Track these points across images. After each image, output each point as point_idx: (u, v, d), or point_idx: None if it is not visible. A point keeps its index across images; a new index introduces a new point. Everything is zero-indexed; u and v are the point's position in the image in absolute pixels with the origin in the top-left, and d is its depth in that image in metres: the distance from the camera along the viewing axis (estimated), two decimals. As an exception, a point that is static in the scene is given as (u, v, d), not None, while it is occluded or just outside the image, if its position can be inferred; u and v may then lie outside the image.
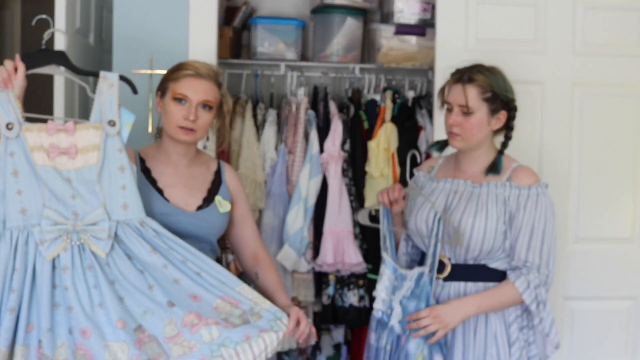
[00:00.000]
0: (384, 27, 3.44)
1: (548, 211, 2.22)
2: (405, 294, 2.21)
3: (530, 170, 2.27)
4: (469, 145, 2.26)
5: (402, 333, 2.21)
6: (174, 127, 2.15)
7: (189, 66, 2.17)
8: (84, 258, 1.95)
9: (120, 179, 2.00)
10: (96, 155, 1.99)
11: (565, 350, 3.00)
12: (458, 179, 2.30)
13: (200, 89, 2.15)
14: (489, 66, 2.28)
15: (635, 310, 3.03)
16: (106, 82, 2.04)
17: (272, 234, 3.23)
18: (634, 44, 3.00)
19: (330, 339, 3.46)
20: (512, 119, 2.29)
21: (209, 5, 2.91)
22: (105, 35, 3.51)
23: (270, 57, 3.44)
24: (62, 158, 1.97)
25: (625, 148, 3.00)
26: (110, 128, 2.01)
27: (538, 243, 2.19)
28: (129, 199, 2.00)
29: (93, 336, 1.89)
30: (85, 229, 1.95)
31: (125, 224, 1.98)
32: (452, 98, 2.25)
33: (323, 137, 3.27)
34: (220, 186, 2.27)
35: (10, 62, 2.01)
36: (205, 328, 1.93)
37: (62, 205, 1.96)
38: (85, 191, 1.97)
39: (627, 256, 3.02)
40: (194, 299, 1.96)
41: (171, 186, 2.18)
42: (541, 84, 2.96)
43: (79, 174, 1.97)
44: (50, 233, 1.94)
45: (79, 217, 1.96)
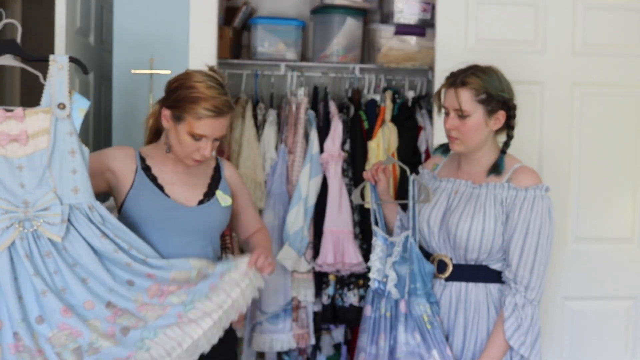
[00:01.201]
0: (384, 27, 3.44)
1: (544, 215, 2.19)
2: (396, 259, 2.27)
3: (531, 171, 2.26)
4: (469, 148, 2.26)
5: (401, 297, 2.25)
6: (186, 156, 2.16)
7: (208, 103, 2.09)
8: (40, 245, 1.94)
9: (71, 163, 1.99)
10: (46, 139, 1.97)
11: (564, 349, 3.01)
12: (460, 179, 2.31)
13: (219, 127, 2.13)
14: (485, 67, 2.27)
15: (634, 310, 3.03)
16: (56, 65, 2.02)
17: (273, 234, 3.23)
18: (633, 44, 3.00)
19: (330, 339, 3.46)
20: (512, 118, 2.28)
21: (209, 6, 2.91)
22: (105, 35, 3.52)
23: (271, 57, 3.44)
24: (13, 145, 1.96)
25: (625, 148, 3.01)
26: (60, 111, 1.99)
27: (531, 253, 2.18)
28: (80, 182, 1.99)
29: (74, 316, 1.91)
30: (37, 215, 1.94)
31: (76, 208, 1.98)
32: (447, 102, 2.26)
33: (323, 137, 3.27)
34: (220, 181, 2.29)
35: None
36: (172, 295, 2.00)
37: (11, 195, 1.94)
38: (35, 177, 1.96)
39: (626, 256, 3.02)
40: (150, 277, 2.00)
41: (171, 183, 2.19)
42: (541, 84, 2.96)
43: (30, 159, 1.96)
44: (0, 222, 1.92)
45: (30, 205, 1.95)
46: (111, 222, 2.02)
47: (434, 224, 2.29)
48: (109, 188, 2.21)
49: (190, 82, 2.13)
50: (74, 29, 3.04)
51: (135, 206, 2.14)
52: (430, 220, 2.29)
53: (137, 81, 2.86)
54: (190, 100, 2.10)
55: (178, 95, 2.13)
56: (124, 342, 1.93)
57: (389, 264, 2.29)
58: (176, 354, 1.94)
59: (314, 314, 3.34)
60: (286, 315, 3.21)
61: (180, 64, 2.86)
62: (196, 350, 1.98)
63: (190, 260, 2.08)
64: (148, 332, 1.96)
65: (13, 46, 2.15)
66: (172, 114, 2.14)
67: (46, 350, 1.89)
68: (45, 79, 2.02)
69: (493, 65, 2.29)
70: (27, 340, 1.89)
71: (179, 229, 2.15)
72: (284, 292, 3.21)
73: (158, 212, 2.13)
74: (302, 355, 3.44)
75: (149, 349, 1.94)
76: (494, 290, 2.24)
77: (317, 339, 3.41)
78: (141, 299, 1.98)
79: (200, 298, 2.01)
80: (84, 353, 1.90)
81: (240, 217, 2.37)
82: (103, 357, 1.91)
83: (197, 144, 2.13)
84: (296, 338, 3.26)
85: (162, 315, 1.98)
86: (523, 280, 2.17)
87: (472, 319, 2.23)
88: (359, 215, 3.27)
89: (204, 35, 2.90)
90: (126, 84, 2.79)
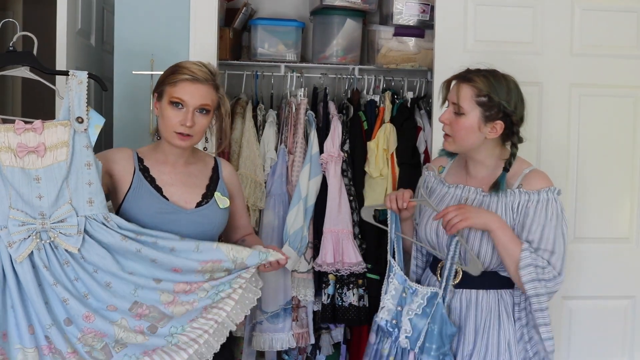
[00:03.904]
0: (383, 28, 3.45)
1: (559, 215, 2.15)
2: (417, 311, 2.15)
3: (543, 174, 2.21)
4: (460, 149, 2.22)
5: (412, 348, 2.15)
6: (170, 132, 2.15)
7: (185, 69, 2.15)
8: (58, 255, 1.97)
9: (87, 175, 2.02)
10: (65, 151, 2.00)
11: (563, 348, 3.02)
12: (469, 186, 2.25)
13: (197, 94, 2.14)
14: (502, 74, 2.21)
15: (632, 309, 3.05)
16: (75, 80, 2.05)
17: (272, 234, 3.24)
18: (630, 45, 3.02)
19: (329, 338, 3.47)
20: (514, 133, 2.19)
21: (210, 7, 2.92)
22: (106, 36, 3.53)
23: (270, 58, 3.45)
24: (31, 157, 1.98)
25: (623, 148, 3.02)
26: (78, 125, 2.02)
27: (549, 240, 2.13)
28: (94, 194, 2.02)
29: (97, 319, 1.94)
30: (54, 227, 1.97)
31: (92, 219, 2.00)
32: (450, 95, 2.22)
33: (323, 137, 3.28)
34: (219, 182, 2.29)
35: None
36: (198, 289, 2.02)
37: (28, 206, 1.96)
38: (53, 189, 1.98)
39: (624, 256, 3.04)
40: (176, 271, 2.02)
41: (170, 184, 2.19)
42: (539, 85, 2.98)
43: (48, 171, 1.98)
44: (18, 234, 1.94)
45: (46, 216, 1.97)
46: (127, 226, 2.04)
47: (443, 235, 2.22)
48: (108, 191, 2.22)
49: (176, 65, 2.20)
50: (75, 30, 3.06)
51: (133, 208, 2.14)
52: (439, 230, 2.23)
53: (138, 82, 2.87)
54: (170, 72, 2.18)
55: (160, 78, 2.21)
56: (152, 339, 1.98)
57: (405, 313, 2.17)
58: (203, 339, 2.01)
59: (314, 313, 3.35)
60: (286, 314, 3.21)
61: (180, 65, 2.88)
62: (224, 331, 2.04)
63: (221, 247, 2.08)
64: (176, 328, 2.00)
65: (29, 58, 2.15)
66: (157, 96, 2.19)
67: (79, 349, 1.94)
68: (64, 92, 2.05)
69: (512, 77, 2.22)
70: (59, 342, 1.92)
71: (178, 232, 2.14)
72: (284, 291, 3.22)
73: (156, 215, 2.12)
74: (301, 354, 3.45)
75: (178, 342, 1.99)
76: (506, 295, 2.20)
77: (317, 338, 3.41)
78: (168, 295, 2.01)
79: (225, 288, 2.06)
80: (111, 350, 1.95)
81: (234, 220, 2.37)
82: (130, 350, 1.96)
83: (178, 115, 2.13)
84: (296, 337, 3.27)
85: (190, 310, 2.02)
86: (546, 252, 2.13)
87: (483, 325, 2.19)
88: (358, 215, 3.28)
89: (204, 36, 2.91)
90: (127, 85, 2.81)
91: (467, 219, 2.07)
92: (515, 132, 2.20)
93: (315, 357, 3.47)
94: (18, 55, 2.14)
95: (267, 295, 3.19)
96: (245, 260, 2.08)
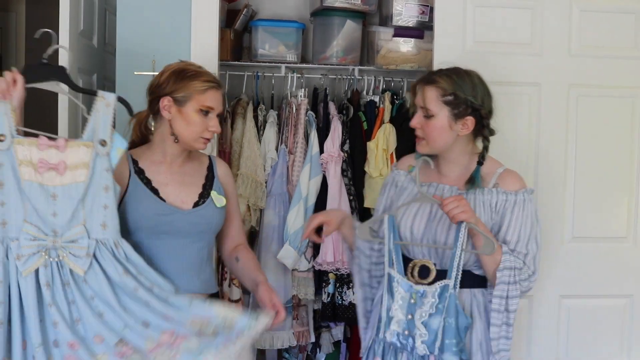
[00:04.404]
0: (383, 29, 3.46)
1: (534, 216, 2.18)
2: (431, 310, 2.09)
3: (517, 174, 2.23)
4: (434, 150, 2.21)
5: (431, 352, 2.10)
6: (197, 137, 2.17)
7: (206, 76, 2.17)
8: (62, 274, 1.95)
9: (103, 199, 1.99)
10: (85, 173, 1.98)
11: (561, 347, 3.03)
12: (443, 184, 2.24)
13: (221, 101, 2.20)
14: (464, 70, 2.22)
15: (630, 308, 3.06)
16: (103, 102, 2.03)
17: (273, 233, 3.26)
18: (629, 46, 3.03)
19: (330, 337, 3.49)
20: (485, 127, 2.20)
21: (211, 8, 2.94)
22: (108, 37, 3.55)
23: (271, 59, 3.47)
24: (51, 173, 1.97)
25: (620, 148, 3.03)
26: (101, 147, 2.00)
27: (524, 240, 2.16)
28: (109, 218, 2.00)
29: (81, 348, 1.92)
30: (64, 246, 1.96)
31: (102, 243, 1.99)
32: (417, 99, 2.22)
33: (323, 137, 3.29)
34: (214, 181, 2.29)
35: (9, 74, 2.00)
36: (185, 342, 1.97)
37: (42, 222, 1.96)
38: (68, 209, 1.97)
39: (622, 255, 3.05)
40: (166, 318, 1.98)
41: (165, 184, 2.18)
42: (538, 86, 2.99)
43: (66, 190, 1.97)
44: (28, 248, 1.93)
45: (58, 234, 1.96)
46: (135, 259, 2.02)
47: (418, 232, 2.20)
48: None
49: (176, 68, 2.20)
50: (77, 31, 3.08)
51: (130, 212, 2.13)
52: (413, 228, 2.21)
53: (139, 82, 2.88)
54: (191, 77, 2.16)
55: (174, 81, 2.17)
56: None
57: (419, 317, 2.10)
58: None
59: (314, 311, 3.37)
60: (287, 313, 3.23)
61: (182, 66, 2.89)
62: None
63: (213, 307, 2.03)
64: None
65: (61, 74, 2.13)
66: (174, 99, 2.16)
67: None
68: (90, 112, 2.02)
69: (475, 71, 2.22)
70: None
71: (175, 233, 2.15)
72: (284, 290, 3.23)
73: (153, 217, 2.12)
74: (302, 352, 3.47)
75: None
76: (479, 294, 2.19)
77: (317, 337, 3.43)
78: (154, 341, 1.97)
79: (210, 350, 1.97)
80: None
81: (227, 223, 2.34)
82: None
83: (206, 121, 2.16)
84: (296, 335, 3.29)
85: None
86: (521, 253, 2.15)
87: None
88: (358, 215, 3.30)
89: (206, 37, 2.93)
90: (129, 86, 2.82)
91: (467, 212, 2.06)
92: (485, 126, 2.21)
93: (316, 355, 3.49)
94: (51, 69, 2.12)
95: (267, 294, 3.21)
96: (234, 321, 2.03)
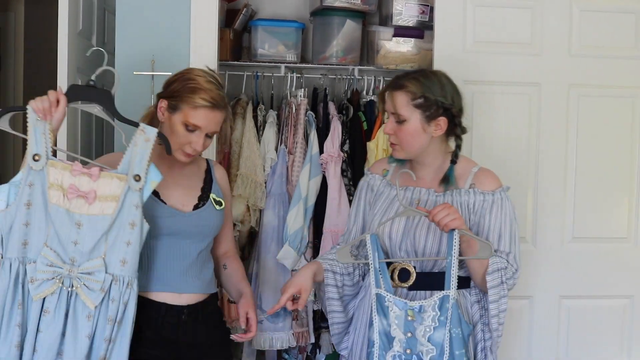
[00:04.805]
0: (383, 29, 3.46)
1: (512, 214, 2.16)
2: (434, 324, 2.04)
3: (493, 173, 2.21)
4: (410, 155, 2.19)
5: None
6: (177, 148, 2.13)
7: (205, 93, 2.10)
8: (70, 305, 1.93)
9: (128, 235, 1.95)
10: (114, 206, 1.94)
11: (561, 348, 3.03)
12: (419, 187, 2.22)
13: (214, 121, 2.13)
14: (430, 71, 2.21)
15: (630, 309, 3.06)
16: (143, 136, 1.98)
17: (273, 234, 3.25)
18: (629, 46, 3.03)
19: (329, 338, 3.48)
20: (457, 125, 2.19)
21: (210, 8, 2.94)
22: (107, 37, 3.55)
23: (271, 59, 3.46)
24: (79, 201, 1.93)
25: (621, 148, 3.04)
26: (134, 182, 1.95)
27: (506, 240, 2.14)
28: (130, 255, 1.96)
29: None
30: (79, 277, 1.93)
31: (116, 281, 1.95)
32: (387, 106, 2.20)
33: (322, 137, 3.29)
34: (212, 184, 2.29)
35: (54, 94, 1.97)
36: None
37: (62, 248, 1.93)
38: (91, 240, 1.93)
39: (622, 255, 3.05)
40: None
41: (166, 187, 2.16)
42: (538, 86, 2.99)
43: (91, 220, 1.93)
44: (43, 273, 1.91)
45: (76, 263, 1.93)
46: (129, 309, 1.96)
47: (397, 236, 2.18)
48: None
49: (190, 75, 2.15)
50: (76, 31, 3.08)
51: None
52: (392, 234, 2.18)
53: (138, 82, 2.88)
54: (189, 90, 2.11)
55: (176, 86, 2.14)
56: None
57: (422, 334, 2.05)
58: None
59: (314, 312, 3.37)
60: (286, 313, 3.23)
61: (181, 66, 2.86)
62: None
63: None
64: None
65: (106, 99, 2.07)
66: (169, 104, 2.14)
67: None
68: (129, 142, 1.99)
69: (441, 71, 2.22)
70: None
71: (176, 234, 2.15)
72: (283, 291, 3.23)
73: (154, 219, 2.10)
74: (301, 353, 3.46)
75: None
76: (460, 296, 2.16)
77: (317, 337, 3.43)
78: None
79: None
80: None
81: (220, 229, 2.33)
82: None
83: (190, 137, 2.12)
84: (296, 336, 3.29)
85: None
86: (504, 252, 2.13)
87: None
88: (358, 215, 3.30)
89: (205, 37, 2.92)
90: (128, 85, 2.82)
91: (458, 219, 2.03)
92: (457, 124, 2.19)
93: (315, 356, 3.48)
94: (97, 93, 2.07)
95: (267, 295, 3.21)
96: None
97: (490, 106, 2.98)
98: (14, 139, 5.40)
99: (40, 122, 1.93)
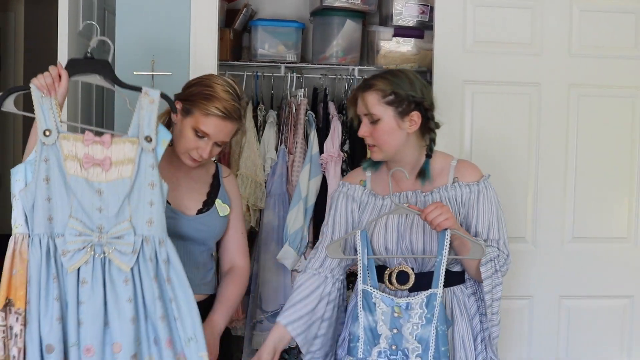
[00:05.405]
0: (383, 29, 3.46)
1: (497, 201, 2.20)
2: (421, 322, 2.06)
3: (472, 164, 2.25)
4: (388, 155, 2.19)
5: None
6: (184, 151, 2.16)
7: (220, 103, 2.12)
8: (105, 272, 1.93)
9: (149, 195, 1.97)
10: (130, 168, 1.97)
11: (561, 348, 3.03)
12: (406, 191, 2.22)
13: (225, 131, 2.15)
14: (396, 70, 2.23)
15: (630, 309, 3.06)
16: (147, 98, 2.02)
17: (272, 234, 3.25)
18: (629, 46, 3.03)
19: (329, 338, 3.48)
20: (430, 119, 2.21)
21: (210, 8, 2.94)
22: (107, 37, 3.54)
23: (271, 59, 3.46)
24: (96, 169, 1.95)
25: (621, 148, 3.04)
26: (146, 143, 1.98)
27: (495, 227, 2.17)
28: (155, 215, 1.98)
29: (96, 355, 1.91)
30: (110, 242, 1.94)
31: (147, 241, 1.97)
32: (359, 109, 2.20)
33: (322, 137, 3.29)
34: (219, 189, 2.29)
35: (54, 69, 2.00)
36: None
37: (88, 217, 1.94)
38: (114, 205, 1.95)
39: (622, 255, 3.05)
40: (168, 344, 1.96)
41: (172, 189, 2.17)
42: (538, 86, 2.99)
43: (111, 186, 1.95)
44: (73, 244, 1.92)
45: (104, 230, 1.95)
46: (173, 263, 1.99)
47: (392, 245, 2.18)
48: None
49: (209, 82, 2.17)
50: (76, 31, 3.08)
51: None
52: (387, 243, 2.18)
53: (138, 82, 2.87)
54: (204, 97, 2.13)
55: (194, 90, 2.16)
56: None
57: (409, 331, 2.06)
58: None
59: (314, 312, 3.36)
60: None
61: (181, 66, 2.89)
62: None
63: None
64: None
65: (105, 69, 2.13)
66: (183, 106, 2.16)
67: None
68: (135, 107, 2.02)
69: (406, 69, 2.23)
70: None
71: (178, 235, 2.15)
72: (284, 291, 3.23)
73: None
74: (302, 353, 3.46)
75: None
76: (458, 291, 2.19)
77: (317, 338, 3.43)
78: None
79: None
80: None
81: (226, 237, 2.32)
82: None
83: (198, 142, 2.14)
84: (296, 336, 3.28)
85: None
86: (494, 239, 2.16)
87: None
88: (358, 215, 3.30)
89: (205, 37, 2.93)
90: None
91: (450, 218, 2.04)
92: (430, 118, 2.20)
93: (315, 356, 3.48)
94: (96, 64, 2.13)
95: (267, 295, 3.21)
96: None
97: (490, 106, 2.98)
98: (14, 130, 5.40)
99: (45, 98, 1.96)
